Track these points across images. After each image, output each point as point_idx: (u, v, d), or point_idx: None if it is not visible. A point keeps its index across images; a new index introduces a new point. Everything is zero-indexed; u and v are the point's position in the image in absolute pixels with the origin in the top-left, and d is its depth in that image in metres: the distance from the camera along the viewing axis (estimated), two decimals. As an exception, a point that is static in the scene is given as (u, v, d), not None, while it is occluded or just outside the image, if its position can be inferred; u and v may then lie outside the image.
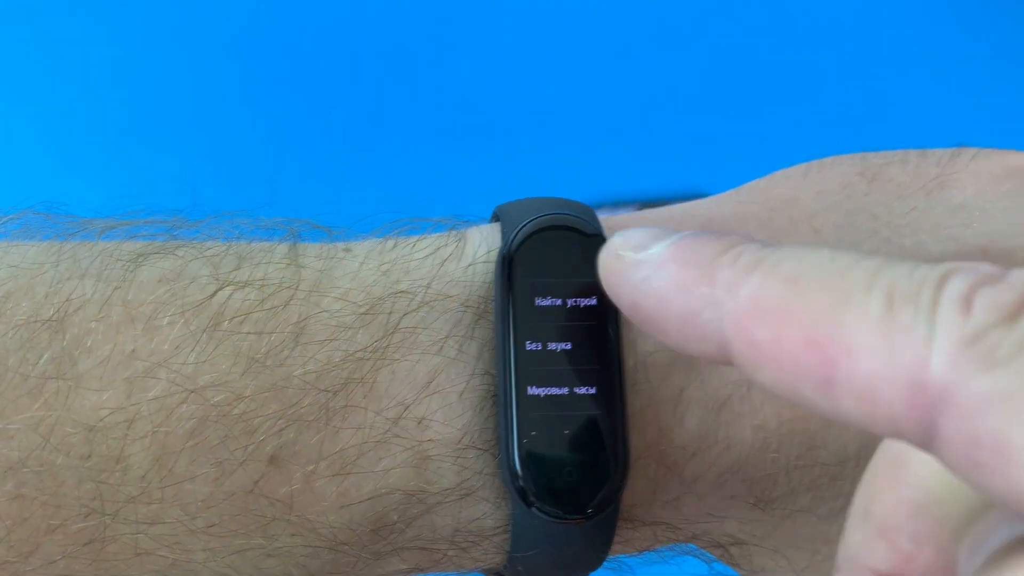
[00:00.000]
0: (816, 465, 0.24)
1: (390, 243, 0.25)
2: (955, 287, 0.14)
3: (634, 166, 0.71)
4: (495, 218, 0.26)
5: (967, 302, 0.14)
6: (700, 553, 0.26)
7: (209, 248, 0.23)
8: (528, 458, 0.22)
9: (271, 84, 0.71)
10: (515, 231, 0.24)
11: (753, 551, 0.25)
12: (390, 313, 0.23)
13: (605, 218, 0.25)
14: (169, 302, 0.22)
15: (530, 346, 0.23)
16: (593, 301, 0.23)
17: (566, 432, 0.23)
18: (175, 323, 0.22)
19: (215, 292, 0.22)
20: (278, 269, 0.23)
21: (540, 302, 0.23)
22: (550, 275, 0.24)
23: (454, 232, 0.25)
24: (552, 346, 0.23)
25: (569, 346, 0.23)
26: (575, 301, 0.23)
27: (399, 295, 0.23)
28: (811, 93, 0.72)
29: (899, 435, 0.15)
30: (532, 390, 0.23)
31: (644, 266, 0.18)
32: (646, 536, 0.25)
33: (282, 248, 0.24)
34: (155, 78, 0.70)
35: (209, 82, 0.70)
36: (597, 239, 0.24)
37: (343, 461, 0.22)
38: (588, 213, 0.25)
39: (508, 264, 0.23)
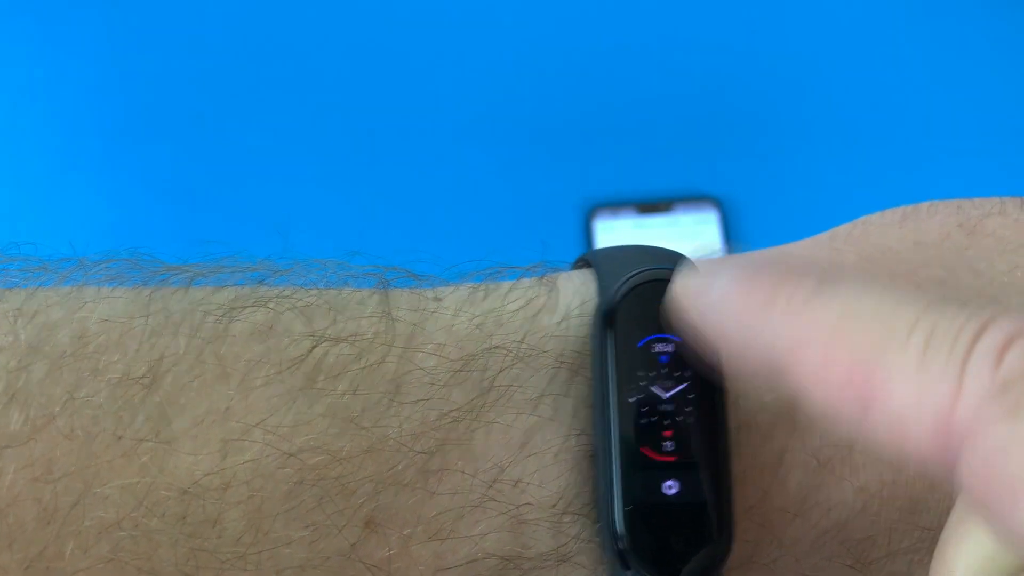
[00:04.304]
0: (917, 529, 0.23)
1: (480, 293, 0.24)
2: (992, 337, 0.15)
3: (634, 166, 0.71)
4: (581, 263, 0.25)
5: (1000, 353, 0.15)
6: None
7: (301, 300, 0.23)
8: (631, 522, 0.22)
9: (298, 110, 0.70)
10: (615, 283, 0.23)
11: None
12: (484, 370, 0.23)
13: (702, 263, 0.25)
14: (264, 359, 0.22)
15: (633, 406, 0.22)
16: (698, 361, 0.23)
17: (670, 498, 0.22)
18: (270, 381, 0.22)
19: (311, 349, 0.22)
20: (371, 323, 0.23)
21: (642, 360, 0.23)
22: (653, 331, 0.23)
23: (545, 280, 0.25)
24: (655, 407, 0.22)
25: (672, 406, 0.22)
26: (678, 358, 0.23)
27: (493, 351, 0.23)
28: (813, 93, 0.72)
29: (925, 467, 0.16)
30: (636, 454, 0.22)
31: (711, 292, 0.20)
32: None
33: (374, 299, 0.23)
34: (232, 115, 0.69)
35: (278, 120, 0.70)
36: None
37: (440, 525, 0.22)
38: (685, 263, 0.24)
39: (610, 319, 0.23)
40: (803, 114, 0.71)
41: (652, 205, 0.73)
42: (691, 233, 0.71)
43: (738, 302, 0.19)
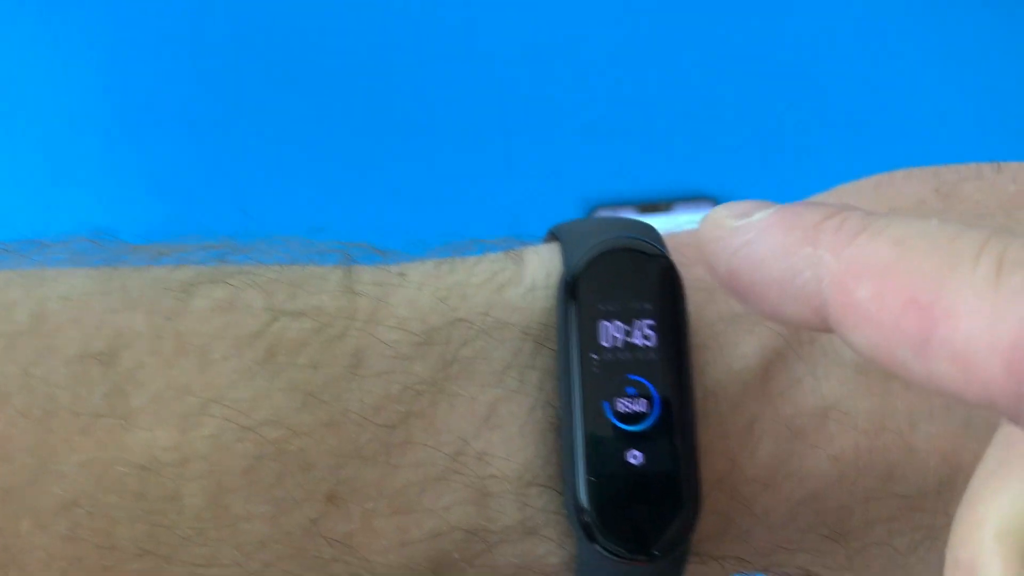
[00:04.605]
0: (895, 497, 0.23)
1: (446, 267, 0.24)
2: None
3: (634, 166, 0.71)
4: (550, 237, 0.25)
5: None
6: None
7: (263, 275, 0.23)
8: (595, 493, 0.21)
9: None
10: (579, 253, 0.23)
11: None
12: (447, 343, 0.22)
13: (670, 237, 0.24)
14: (223, 334, 0.22)
15: (596, 376, 0.22)
16: (663, 328, 0.22)
17: (635, 467, 0.22)
18: (229, 356, 0.21)
19: (270, 323, 0.22)
20: (333, 297, 0.23)
21: (606, 329, 0.22)
22: (616, 301, 0.23)
23: (511, 254, 0.24)
24: (619, 376, 0.22)
25: (638, 376, 0.22)
26: (642, 328, 0.22)
27: (456, 323, 0.23)
28: (813, 93, 0.72)
29: (991, 404, 0.15)
30: (599, 423, 0.22)
31: (746, 231, 0.18)
32: (714, 570, 0.24)
33: (336, 274, 0.23)
34: (196, 91, 0.69)
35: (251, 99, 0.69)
36: (663, 261, 0.23)
37: (403, 499, 0.21)
38: (650, 233, 0.24)
39: (572, 289, 0.23)
40: (803, 114, 0.71)
41: (652, 205, 0.72)
42: (691, 233, 0.71)
43: (779, 237, 0.17)
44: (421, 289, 0.23)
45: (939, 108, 0.71)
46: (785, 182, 0.70)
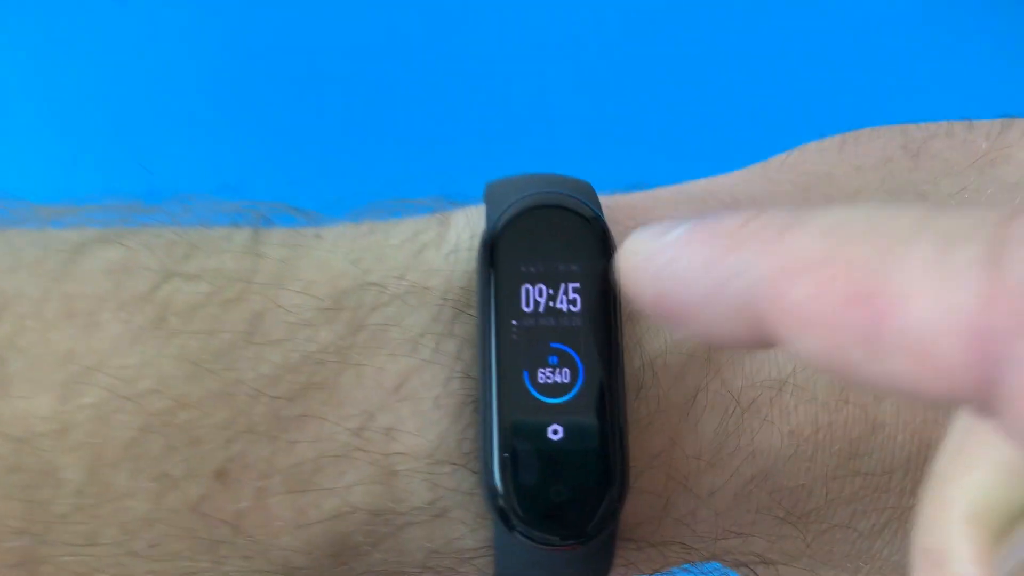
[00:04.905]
0: (858, 475, 0.21)
1: (365, 227, 0.22)
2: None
3: (634, 165, 0.69)
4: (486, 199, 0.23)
5: None
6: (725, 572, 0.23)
7: (161, 236, 0.21)
8: (510, 474, 0.19)
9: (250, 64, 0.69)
10: (501, 212, 0.21)
11: (783, 571, 0.22)
12: (357, 308, 0.21)
13: (607, 198, 0.22)
14: (111, 296, 0.20)
15: (516, 344, 0.20)
16: (591, 293, 0.21)
17: (555, 443, 0.20)
18: (116, 320, 0.20)
19: (160, 284, 0.20)
20: (234, 258, 0.21)
21: (528, 293, 0.20)
22: (540, 263, 0.21)
23: (438, 215, 0.23)
24: (541, 344, 0.20)
25: (561, 345, 0.20)
26: (568, 292, 0.21)
27: (368, 287, 0.21)
28: (813, 93, 0.70)
29: (955, 396, 0.13)
30: (517, 394, 0.20)
31: (666, 250, 0.16)
32: (654, 558, 0.22)
33: (243, 235, 0.22)
34: (125, 58, 0.68)
35: (187, 63, 0.68)
36: (594, 221, 0.21)
37: (299, 477, 0.20)
38: (584, 191, 0.22)
39: (491, 250, 0.21)
40: (804, 113, 0.70)
41: None
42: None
43: (701, 252, 0.16)
44: (333, 251, 0.21)
45: (940, 110, 0.69)
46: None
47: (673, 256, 0.16)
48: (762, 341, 0.15)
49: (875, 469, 0.21)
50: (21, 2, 0.68)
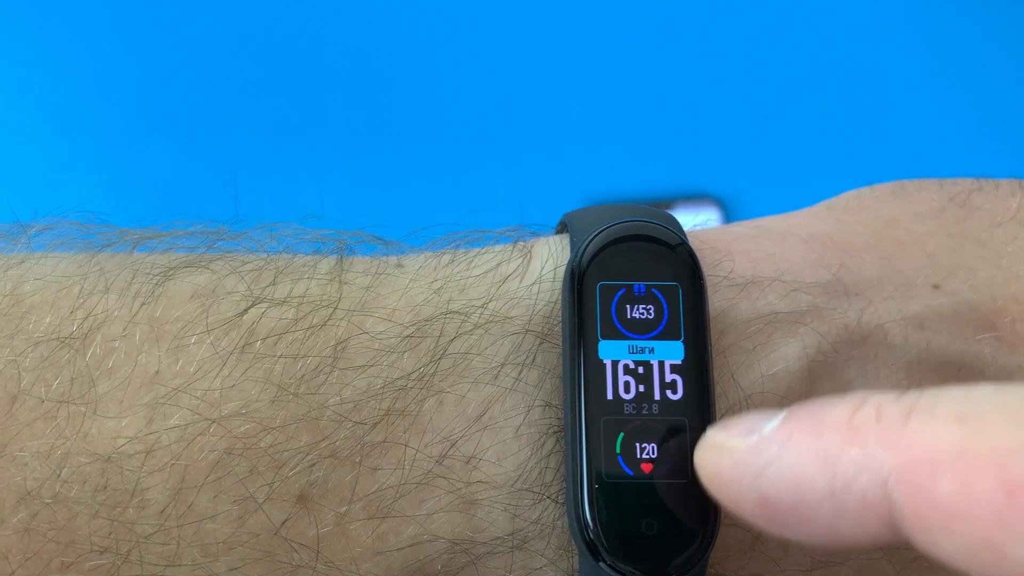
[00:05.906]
0: None
1: (446, 257, 0.22)
2: None
3: (635, 165, 0.69)
4: (561, 227, 0.23)
5: None
6: None
7: (248, 262, 0.21)
8: (602, 506, 0.19)
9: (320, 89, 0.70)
10: (585, 242, 0.21)
11: None
12: (439, 336, 0.21)
13: (691, 232, 0.22)
14: (198, 320, 0.20)
15: (604, 373, 0.20)
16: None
17: (648, 475, 0.19)
18: (202, 343, 0.20)
19: (247, 309, 0.20)
20: (319, 285, 0.21)
21: (617, 323, 0.20)
22: (625, 291, 0.21)
23: (519, 245, 0.23)
24: (630, 375, 0.20)
25: (650, 372, 0.20)
26: (656, 319, 0.20)
27: (450, 316, 0.21)
28: (814, 91, 0.70)
29: None
30: (607, 425, 0.20)
31: (766, 448, 0.16)
32: None
33: (327, 262, 0.22)
34: (206, 84, 0.69)
35: (265, 90, 0.69)
36: (681, 249, 0.21)
37: (380, 503, 0.20)
38: (669, 221, 0.22)
39: (578, 280, 0.21)
40: (804, 112, 0.70)
41: (653, 204, 0.71)
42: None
43: (812, 447, 0.15)
44: (416, 280, 0.21)
45: (938, 108, 0.69)
46: (786, 180, 0.68)
47: (777, 454, 0.15)
48: (891, 538, 0.14)
49: None
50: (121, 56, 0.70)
